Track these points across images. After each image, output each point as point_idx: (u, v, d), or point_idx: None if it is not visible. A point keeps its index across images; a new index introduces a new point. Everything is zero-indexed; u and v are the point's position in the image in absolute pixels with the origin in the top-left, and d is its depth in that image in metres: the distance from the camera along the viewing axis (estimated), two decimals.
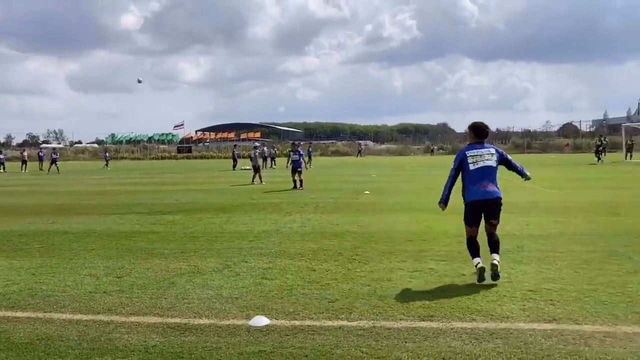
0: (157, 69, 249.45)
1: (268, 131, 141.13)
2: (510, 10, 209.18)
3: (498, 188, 5.61)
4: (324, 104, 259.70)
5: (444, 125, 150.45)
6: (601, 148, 33.56)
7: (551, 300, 4.82)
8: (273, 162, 37.20)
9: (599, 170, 26.59)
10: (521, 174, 5.97)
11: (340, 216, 10.59)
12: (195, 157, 67.55)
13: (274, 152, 40.13)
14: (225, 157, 58.78)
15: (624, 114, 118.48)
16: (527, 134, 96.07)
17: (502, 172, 5.75)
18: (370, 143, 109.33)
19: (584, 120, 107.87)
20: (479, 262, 5.42)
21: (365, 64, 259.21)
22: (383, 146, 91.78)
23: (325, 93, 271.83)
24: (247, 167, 25.67)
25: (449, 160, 6.57)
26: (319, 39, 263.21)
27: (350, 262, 6.53)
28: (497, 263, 5.36)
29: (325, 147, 73.24)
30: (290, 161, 19.02)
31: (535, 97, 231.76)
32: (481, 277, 5.35)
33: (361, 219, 10.11)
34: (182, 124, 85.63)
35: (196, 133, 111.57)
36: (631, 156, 34.46)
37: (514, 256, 6.64)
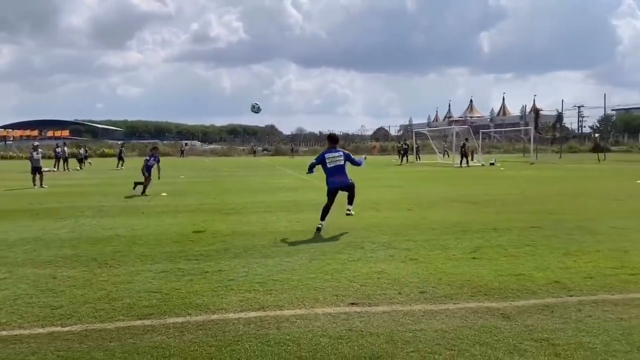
0: None
1: (84, 129, 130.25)
2: (332, 20, 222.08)
3: (347, 177, 9.01)
4: (148, 101, 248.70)
5: (272, 127, 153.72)
6: (402, 151, 37.64)
7: (271, 290, 5.31)
8: (82, 163, 34.82)
9: (394, 170, 29.59)
10: (359, 164, 9.32)
11: (120, 220, 10.31)
12: None
13: (84, 152, 37.47)
14: (26, 158, 52.88)
15: (426, 120, 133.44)
16: (345, 137, 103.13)
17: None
18: (197, 143, 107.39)
19: (393, 125, 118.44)
20: (321, 225, 8.69)
21: (192, 63, 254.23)
22: (208, 147, 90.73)
23: (149, 90, 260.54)
24: (47, 169, 23.51)
25: (270, 161, 6.85)
26: (142, 34, 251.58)
27: (101, 267, 6.42)
28: (350, 209, 9.06)
29: (144, 147, 69.95)
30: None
31: (354, 103, 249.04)
32: (317, 232, 8.48)
33: (139, 222, 9.96)
34: None
35: None
36: (419, 158, 39.20)
37: (265, 251, 7.15)
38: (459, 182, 20.02)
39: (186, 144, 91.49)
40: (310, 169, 9.28)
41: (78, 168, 33.95)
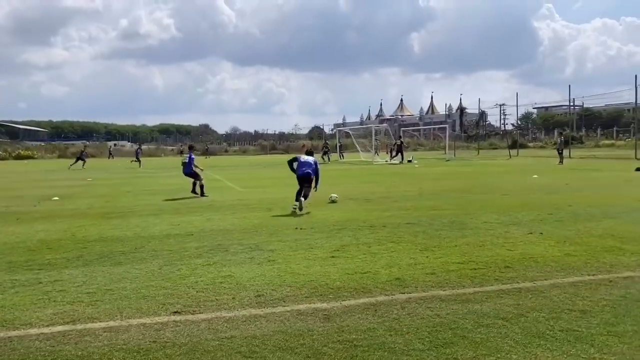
0: None
1: (4, 130, 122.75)
2: (265, 18, 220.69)
3: (311, 172, 11.17)
4: (76, 101, 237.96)
5: (206, 126, 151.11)
6: (326, 149, 38.36)
7: (97, 301, 5.00)
8: None
9: None
10: (317, 175, 11.36)
11: None
12: None
13: None
14: None
15: (359, 119, 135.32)
16: (281, 136, 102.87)
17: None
18: (127, 144, 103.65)
19: (327, 124, 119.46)
20: (295, 205, 10.57)
21: (122, 60, 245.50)
22: (125, 147, 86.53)
23: (76, 89, 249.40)
24: None
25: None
26: (67, 30, 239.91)
27: None
28: (302, 201, 10.59)
29: (64, 148, 66.91)
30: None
31: (290, 101, 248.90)
32: (293, 211, 10.45)
33: (5, 230, 9.33)
34: None
35: None
36: (343, 156, 39.77)
37: (120, 258, 6.83)
38: (367, 179, 20.26)
39: (115, 144, 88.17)
40: (291, 165, 11.48)
41: None
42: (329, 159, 36.98)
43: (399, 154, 31.74)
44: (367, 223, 9.21)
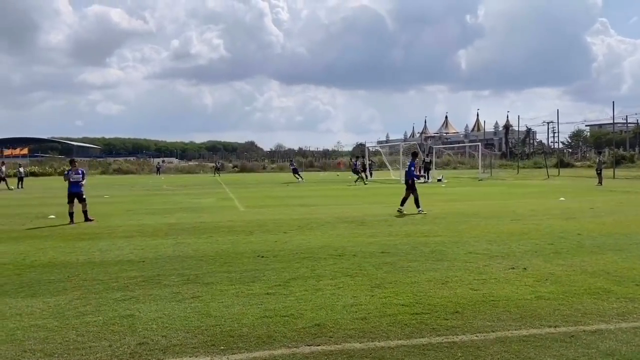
0: None
1: (61, 147, 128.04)
2: (311, 38, 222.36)
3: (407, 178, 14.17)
4: (128, 119, 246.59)
5: (252, 143, 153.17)
6: (361, 168, 37.05)
7: None
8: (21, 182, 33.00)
9: (334, 187, 28.85)
10: (410, 173, 14.34)
11: None
12: None
13: (22, 172, 35.58)
14: None
15: (402, 136, 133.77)
16: (325, 153, 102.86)
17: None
18: (175, 160, 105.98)
19: (369, 141, 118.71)
20: (400, 209, 13.67)
21: (173, 80, 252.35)
22: (186, 164, 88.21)
23: (129, 107, 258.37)
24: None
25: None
26: (122, 51, 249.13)
27: None
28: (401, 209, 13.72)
29: (106, 164, 68.72)
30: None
31: (336, 119, 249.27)
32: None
33: None
34: None
35: None
36: (371, 174, 38.46)
37: (60, 285, 6.25)
38: (379, 199, 19.19)
39: (164, 161, 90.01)
40: (412, 173, 14.26)
41: (9, 187, 31.44)
42: (360, 177, 35.75)
43: (427, 172, 30.45)
44: (338, 251, 8.35)
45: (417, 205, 13.86)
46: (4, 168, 33.12)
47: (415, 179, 14.38)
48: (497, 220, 12.03)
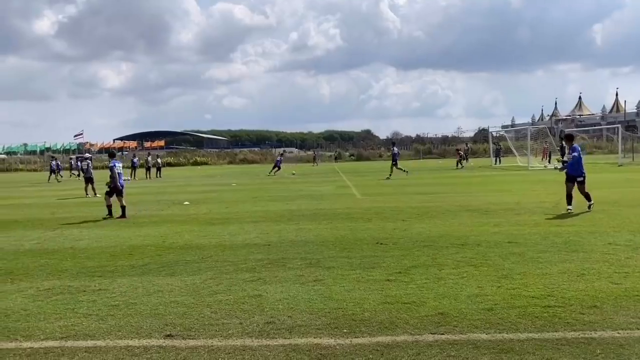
0: (76, 75, 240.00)
1: (192, 139, 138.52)
2: (429, 21, 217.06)
3: (578, 170, 11.03)
4: (252, 111, 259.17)
5: (368, 132, 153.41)
6: (462, 154, 35.58)
7: None
8: (149, 172, 34.67)
9: (441, 175, 27.96)
10: (578, 158, 11.03)
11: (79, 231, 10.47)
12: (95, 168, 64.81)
13: (154, 161, 37.14)
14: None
15: (530, 120, 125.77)
16: (444, 139, 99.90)
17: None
18: (295, 150, 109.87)
19: (492, 126, 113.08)
20: (569, 209, 10.70)
21: (292, 72, 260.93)
22: (305, 153, 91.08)
23: (252, 100, 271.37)
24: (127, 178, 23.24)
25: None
26: (244, 47, 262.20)
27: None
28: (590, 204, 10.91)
29: (233, 155, 72.86)
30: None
31: (455, 104, 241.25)
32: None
33: (109, 235, 10.05)
34: (82, 133, 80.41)
35: (114, 142, 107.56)
36: (500, 161, 36.51)
37: (196, 265, 6.79)
38: (504, 187, 18.24)
39: (284, 150, 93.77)
40: (564, 164, 11.48)
41: (145, 177, 33.22)
42: (461, 165, 34.29)
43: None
44: (461, 240, 8.09)
45: (588, 200, 11.03)
46: (135, 160, 36.29)
47: (563, 164, 11.63)
48: (636, 210, 10.90)
